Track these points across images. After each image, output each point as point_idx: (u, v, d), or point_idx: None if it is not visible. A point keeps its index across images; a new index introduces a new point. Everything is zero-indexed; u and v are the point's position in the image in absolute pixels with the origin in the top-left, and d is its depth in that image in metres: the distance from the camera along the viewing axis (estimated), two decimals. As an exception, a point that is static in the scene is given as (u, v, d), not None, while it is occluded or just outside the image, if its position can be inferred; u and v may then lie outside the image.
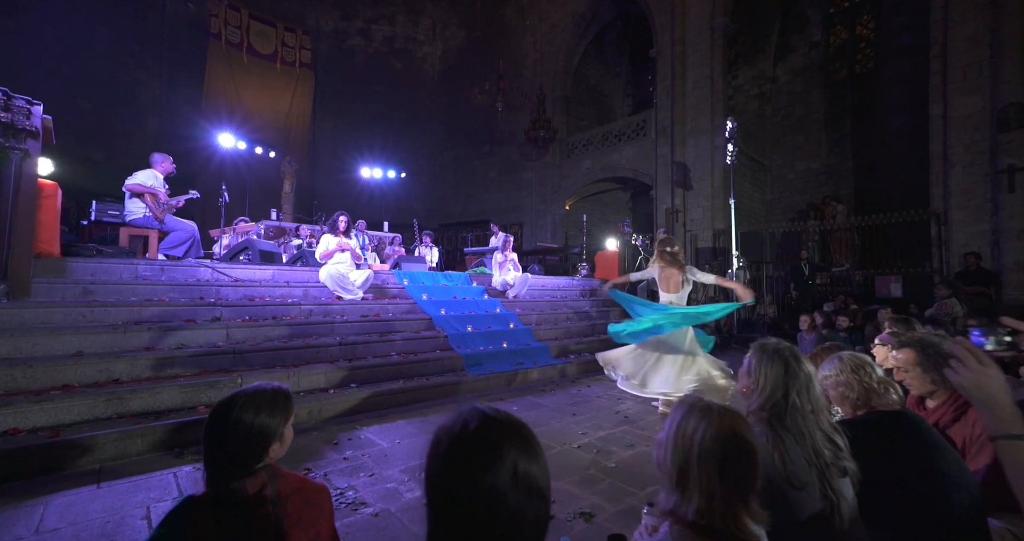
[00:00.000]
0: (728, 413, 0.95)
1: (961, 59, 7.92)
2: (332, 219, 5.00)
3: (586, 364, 5.37)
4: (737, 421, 0.95)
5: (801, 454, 1.19)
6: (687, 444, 0.92)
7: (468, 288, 6.28)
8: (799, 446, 1.20)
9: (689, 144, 11.51)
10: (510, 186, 16.27)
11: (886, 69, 12.30)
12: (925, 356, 1.81)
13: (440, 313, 5.21)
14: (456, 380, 4.14)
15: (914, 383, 1.86)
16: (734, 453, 0.91)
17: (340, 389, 3.58)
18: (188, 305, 3.83)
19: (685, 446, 0.92)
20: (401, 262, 6.83)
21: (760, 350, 1.32)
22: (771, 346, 1.31)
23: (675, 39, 11.78)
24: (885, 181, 11.87)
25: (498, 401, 4.01)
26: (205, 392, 3.03)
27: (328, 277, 4.70)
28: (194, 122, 11.10)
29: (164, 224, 4.68)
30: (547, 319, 6.35)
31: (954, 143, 7.94)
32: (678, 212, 11.57)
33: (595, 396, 4.27)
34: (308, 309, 4.43)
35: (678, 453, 0.93)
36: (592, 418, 3.54)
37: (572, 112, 15.93)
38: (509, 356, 4.96)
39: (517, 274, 6.71)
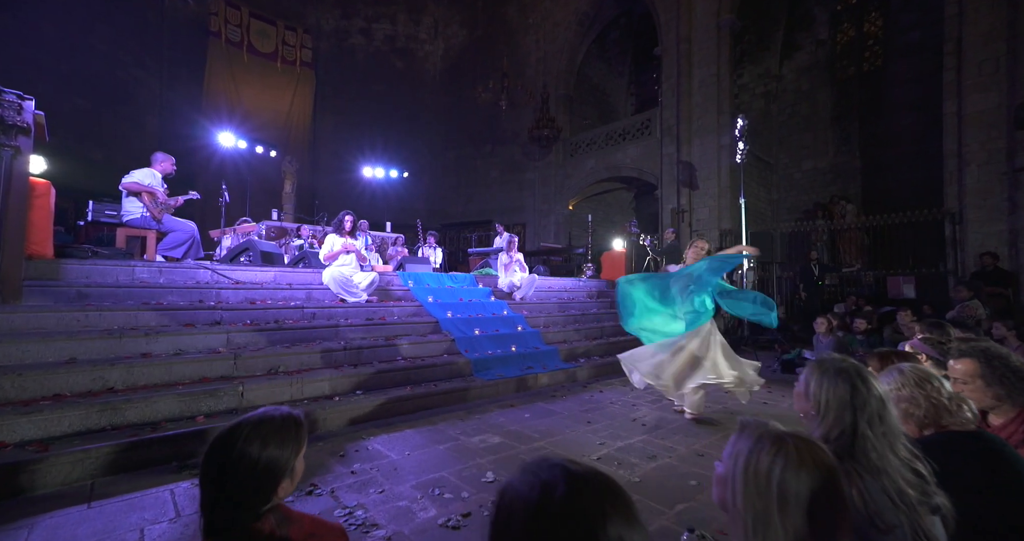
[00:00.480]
0: (806, 443, 0.80)
1: (976, 55, 7.77)
2: (337, 219, 4.86)
3: (597, 368, 5.24)
4: (818, 452, 0.80)
5: (881, 490, 1.03)
6: (763, 484, 0.77)
7: (474, 290, 6.13)
8: (877, 481, 1.04)
9: (695, 143, 11.36)
10: (512, 186, 16.13)
11: (894, 67, 12.15)
12: (990, 368, 1.67)
13: (447, 316, 5.06)
14: (465, 386, 3.99)
15: (974, 396, 1.71)
16: (823, 494, 0.76)
17: (345, 396, 3.43)
18: (187, 309, 3.68)
19: (760, 487, 0.77)
20: (405, 263, 6.68)
21: (820, 368, 1.16)
22: (833, 364, 1.15)
23: (681, 37, 11.63)
24: (893, 180, 11.72)
25: (508, 407, 3.86)
26: (204, 401, 2.88)
27: (332, 280, 4.56)
28: (194, 121, 10.96)
29: (162, 224, 4.53)
30: (555, 321, 6.20)
31: (969, 141, 7.79)
32: (684, 212, 11.42)
33: (608, 402, 4.11)
34: (311, 312, 4.29)
35: (752, 496, 0.77)
36: (609, 426, 3.38)
37: (575, 111, 15.79)
38: (518, 360, 4.81)
39: (523, 275, 6.56)
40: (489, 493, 2.23)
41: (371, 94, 16.79)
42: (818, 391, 1.12)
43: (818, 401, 1.11)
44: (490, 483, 2.35)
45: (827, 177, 13.00)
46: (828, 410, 1.09)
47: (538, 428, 3.31)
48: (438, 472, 2.48)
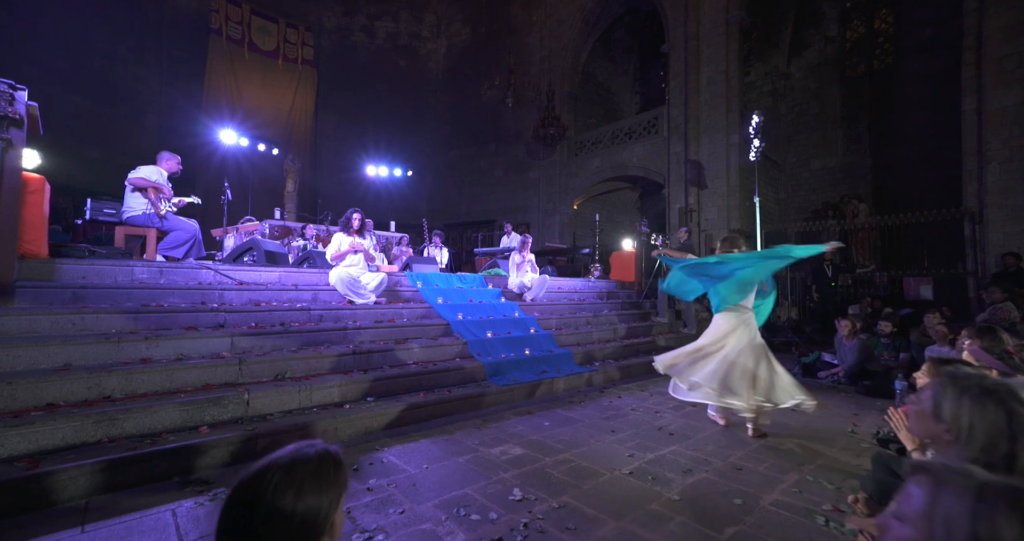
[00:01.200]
0: None
1: (998, 50, 7.59)
2: (345, 217, 4.67)
3: (613, 372, 5.06)
4: None
5: None
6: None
7: (484, 291, 5.95)
8: None
9: (704, 141, 11.19)
10: (516, 185, 15.95)
11: (906, 64, 11.96)
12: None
13: (457, 318, 4.88)
14: (479, 392, 3.81)
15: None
16: None
17: (356, 404, 3.25)
18: (189, 311, 3.50)
19: None
20: (412, 263, 6.50)
21: (958, 387, 0.97)
22: (976, 382, 0.95)
23: (689, 34, 11.46)
24: (904, 180, 11.53)
25: (525, 414, 3.68)
26: (208, 410, 2.70)
27: (339, 280, 4.37)
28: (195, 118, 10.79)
29: (166, 221, 4.35)
30: (567, 323, 6.02)
31: (990, 138, 7.61)
32: (692, 211, 11.25)
33: (629, 409, 3.93)
34: (318, 314, 4.10)
35: None
36: (634, 436, 3.20)
37: (579, 110, 15.62)
38: (532, 364, 4.63)
39: (534, 276, 6.38)
40: (519, 514, 2.05)
41: (373, 92, 16.63)
42: (958, 413, 0.93)
43: (958, 425, 0.93)
44: (519, 502, 2.17)
45: (836, 176, 12.82)
46: (974, 436, 0.91)
47: (560, 438, 3.13)
48: (461, 489, 2.30)
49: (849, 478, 2.48)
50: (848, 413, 3.92)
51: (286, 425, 2.76)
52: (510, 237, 9.00)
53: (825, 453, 2.93)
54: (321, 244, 6.99)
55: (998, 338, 2.91)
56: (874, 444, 3.06)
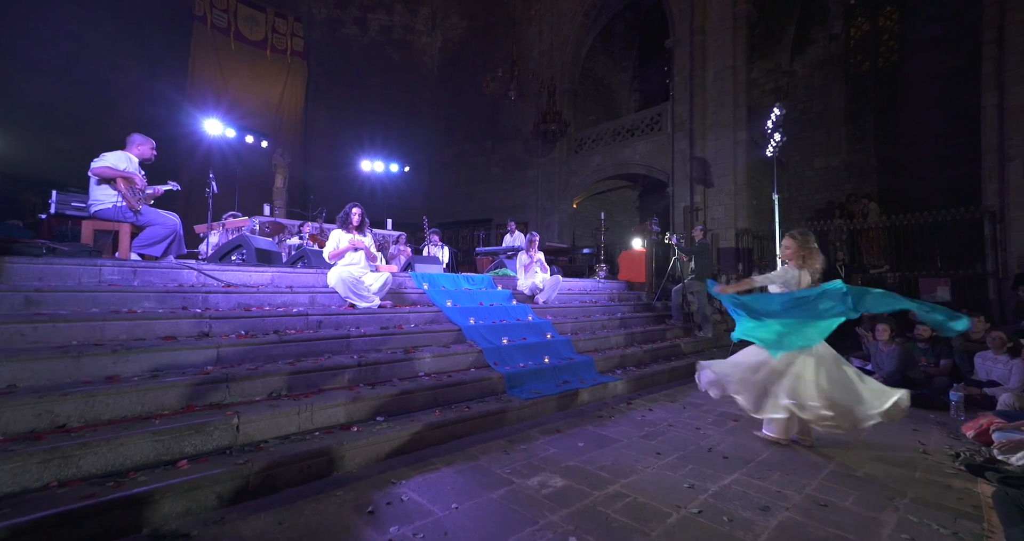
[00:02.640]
0: None
1: (1019, 44, 7.38)
2: (344, 212, 4.21)
3: (636, 381, 4.67)
4: None
5: None
6: None
7: (493, 293, 5.52)
8: None
9: (710, 138, 10.89)
10: (514, 183, 15.54)
11: (912, 62, 11.81)
12: None
13: (469, 323, 4.45)
14: (501, 407, 3.38)
15: None
16: None
17: (365, 425, 2.80)
18: (167, 318, 3.01)
19: None
20: (414, 263, 6.04)
21: None
22: None
23: (695, 28, 11.15)
24: (911, 179, 11.37)
25: (554, 433, 3.26)
26: (189, 439, 2.23)
27: (339, 281, 3.91)
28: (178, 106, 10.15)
29: (141, 215, 3.84)
30: (583, 327, 5.62)
31: (1012, 134, 7.39)
32: (698, 210, 10.94)
33: (666, 424, 3.53)
34: (316, 320, 3.63)
35: None
36: (684, 459, 2.80)
37: (579, 107, 15.28)
38: (552, 373, 4.21)
39: (546, 276, 5.97)
40: (585, 577, 1.63)
41: (366, 87, 16.08)
42: None
43: None
44: (580, 558, 1.75)
45: (841, 175, 12.64)
46: None
47: (602, 463, 2.72)
48: (504, 539, 1.87)
49: (960, 518, 2.11)
50: (905, 427, 3.56)
51: (284, 455, 2.30)
52: (513, 236, 8.59)
53: (909, 481, 2.55)
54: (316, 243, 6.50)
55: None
56: (961, 470, 2.70)
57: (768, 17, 12.38)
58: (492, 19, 16.08)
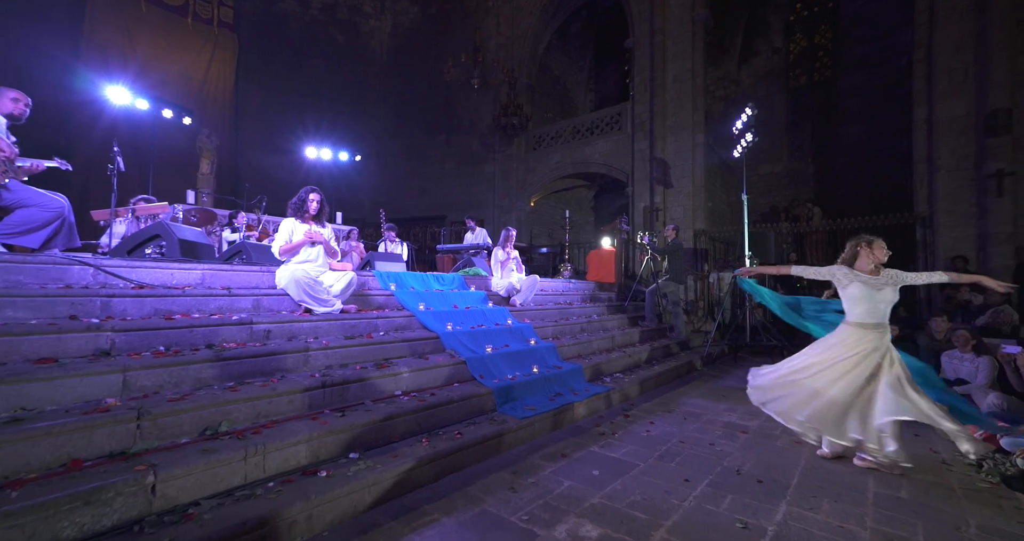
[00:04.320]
0: None
1: (946, 63, 8.00)
2: (298, 198, 3.48)
3: (627, 389, 4.35)
4: None
5: None
6: None
7: (467, 294, 4.96)
8: None
9: (670, 140, 11.01)
10: (470, 179, 14.95)
11: (844, 78, 12.74)
12: None
13: (447, 329, 3.87)
14: (496, 431, 2.86)
15: None
16: None
17: (336, 466, 2.16)
18: (44, 332, 2.17)
19: None
20: (374, 260, 5.33)
21: None
22: None
23: (655, 29, 11.23)
24: (844, 186, 12.25)
25: (559, 458, 2.81)
26: (70, 515, 1.50)
27: (292, 282, 3.18)
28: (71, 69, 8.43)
29: (7, 190, 2.86)
30: (563, 331, 5.22)
31: (939, 146, 8.01)
32: (659, 210, 11.02)
33: (676, 441, 3.20)
34: (263, 329, 2.90)
35: None
36: (717, 487, 2.45)
37: (536, 104, 14.99)
38: (542, 385, 3.76)
39: (522, 276, 5.51)
40: None
41: (310, 69, 14.75)
42: None
43: None
44: None
45: (783, 181, 13.39)
46: None
47: (630, 498, 2.29)
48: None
49: None
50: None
51: (225, 526, 1.63)
52: (475, 233, 8.04)
53: (957, 501, 2.38)
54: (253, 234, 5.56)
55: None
56: (995, 484, 2.58)
57: (719, 26, 12.81)
58: (447, 7, 15.36)
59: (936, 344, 4.83)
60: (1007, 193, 7.44)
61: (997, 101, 7.59)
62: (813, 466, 2.77)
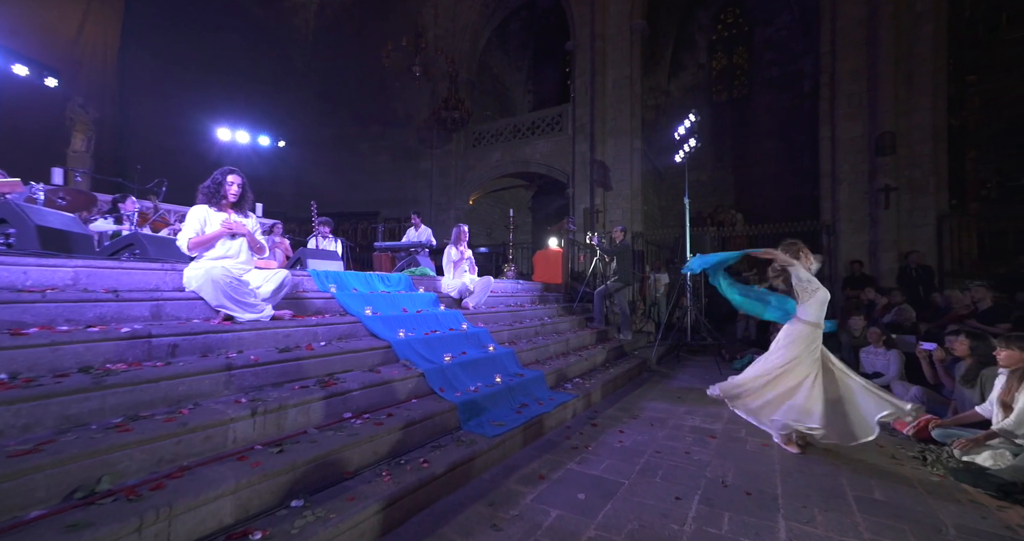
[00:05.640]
0: None
1: (846, 88, 8.97)
2: (212, 181, 2.81)
3: (589, 394, 4.17)
4: None
5: None
6: None
7: (417, 296, 4.49)
8: None
9: (609, 143, 11.24)
10: (406, 175, 14.19)
11: (757, 97, 13.97)
12: None
13: (399, 336, 3.40)
14: (467, 454, 2.48)
15: None
16: None
17: (275, 521, 1.66)
18: None
19: None
20: (306, 258, 4.64)
21: None
22: None
23: (596, 33, 11.41)
24: (759, 196, 13.41)
25: (536, 480, 2.51)
26: None
27: (208, 282, 2.54)
28: None
29: None
30: (519, 335, 4.93)
31: (841, 162, 8.96)
32: (598, 212, 11.20)
33: (652, 451, 3.05)
34: (167, 344, 2.25)
35: None
36: (709, 503, 2.31)
37: (476, 100, 14.62)
38: (507, 396, 3.44)
39: (474, 277, 5.15)
40: None
41: (218, 42, 13.03)
42: None
43: None
44: None
45: (707, 189, 14.34)
46: None
47: (626, 526, 2.05)
48: None
49: None
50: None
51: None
52: (418, 230, 7.51)
53: (924, 499, 2.46)
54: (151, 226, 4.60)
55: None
56: (943, 477, 2.73)
57: (653, 38, 13.41)
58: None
59: (856, 341, 5.27)
60: (892, 205, 8.51)
61: (884, 125, 8.65)
62: (789, 470, 2.75)
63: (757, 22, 14.12)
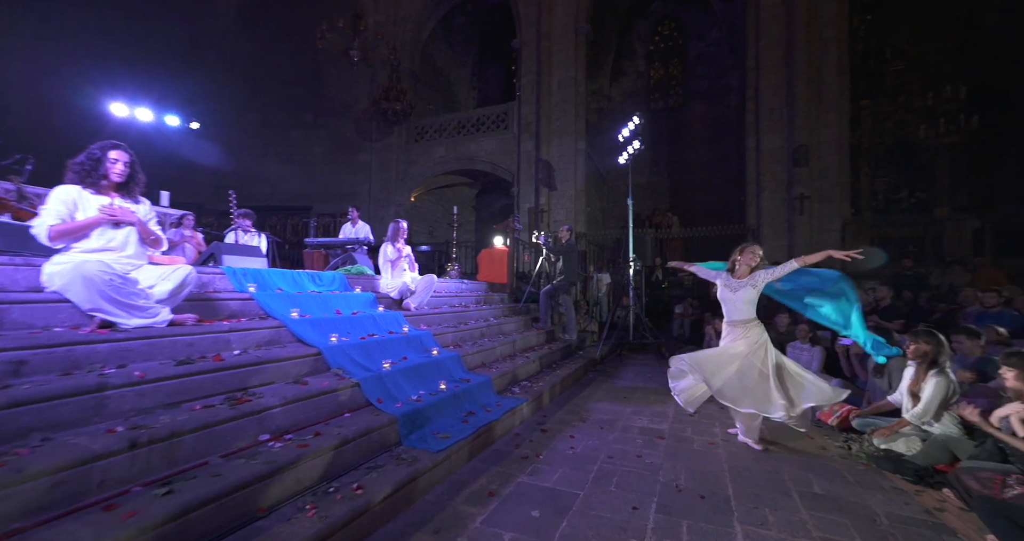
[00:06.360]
0: None
1: (768, 103, 9.67)
2: (88, 156, 2.28)
3: (538, 398, 4.02)
4: None
5: None
6: None
7: (352, 296, 4.08)
8: None
9: (554, 143, 11.29)
10: (343, 168, 13.36)
11: (690, 107, 14.78)
12: None
13: (330, 341, 3.03)
14: (409, 474, 2.21)
15: None
16: None
17: (155, 593, 1.30)
18: None
19: None
20: (221, 254, 4.06)
21: None
22: None
23: (542, 33, 11.42)
24: (692, 199, 14.18)
25: (486, 497, 2.30)
26: None
27: (79, 279, 2.03)
28: None
29: None
30: (464, 338, 4.68)
31: (764, 172, 9.64)
32: (543, 212, 11.20)
33: (604, 456, 2.94)
34: (10, 360, 1.74)
35: None
36: (667, 511, 2.22)
37: (419, 93, 14.11)
38: (452, 403, 3.18)
39: (415, 275, 4.82)
40: None
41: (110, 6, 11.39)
42: None
43: None
44: None
45: (645, 192, 14.90)
46: None
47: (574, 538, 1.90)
48: None
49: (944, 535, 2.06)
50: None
51: None
52: (356, 226, 6.99)
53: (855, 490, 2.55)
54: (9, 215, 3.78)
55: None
56: (867, 465, 2.87)
57: (597, 41, 13.70)
58: (315, -32, 13.46)
59: (782, 337, 5.60)
60: (806, 212, 9.29)
61: (800, 139, 9.43)
62: (736, 468, 2.76)
63: (690, 37, 14.93)
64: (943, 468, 2.69)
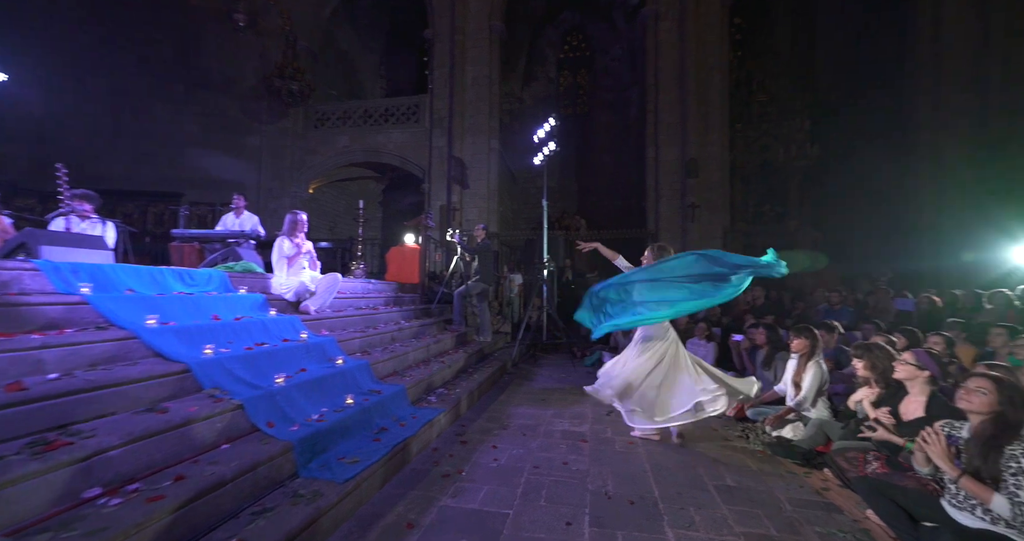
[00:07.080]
0: None
1: (666, 118, 10.54)
2: None
3: (456, 407, 3.76)
4: None
5: None
6: None
7: (235, 299, 3.41)
8: None
9: (467, 141, 11.07)
10: (226, 151, 11.67)
11: (596, 116, 15.58)
12: None
13: (204, 354, 2.44)
14: (308, 516, 1.81)
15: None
16: None
17: None
18: None
19: None
20: (37, 244, 3.11)
21: None
22: None
23: (456, 27, 11.14)
24: (597, 204, 14.93)
25: (407, 532, 1.99)
26: None
27: None
28: None
29: None
30: (373, 343, 4.24)
31: (662, 181, 10.47)
32: (455, 210, 10.90)
33: (531, 466, 2.78)
34: None
35: None
36: (599, 522, 2.12)
37: (319, 76, 12.89)
38: (362, 420, 2.79)
39: (316, 274, 4.24)
40: None
41: None
42: None
43: None
44: None
45: (555, 195, 15.32)
46: None
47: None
48: None
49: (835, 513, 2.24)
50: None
51: None
52: (240, 217, 6.04)
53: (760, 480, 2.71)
54: None
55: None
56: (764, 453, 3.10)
57: (510, 42, 13.77)
58: (192, -84, 11.56)
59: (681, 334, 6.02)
60: (696, 220, 10.29)
61: (691, 152, 10.42)
62: (657, 467, 2.79)
63: (597, 49, 15.75)
64: (822, 449, 3.00)
